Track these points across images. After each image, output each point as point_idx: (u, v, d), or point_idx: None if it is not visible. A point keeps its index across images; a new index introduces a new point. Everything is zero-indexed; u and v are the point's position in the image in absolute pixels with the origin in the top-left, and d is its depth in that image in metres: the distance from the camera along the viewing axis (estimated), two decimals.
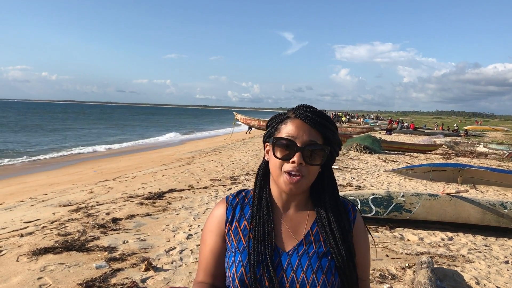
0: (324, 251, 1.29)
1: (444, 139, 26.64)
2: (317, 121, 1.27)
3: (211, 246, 1.37)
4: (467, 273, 4.40)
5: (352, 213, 1.39)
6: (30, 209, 6.91)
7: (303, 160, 1.25)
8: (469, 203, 5.87)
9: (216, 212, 1.41)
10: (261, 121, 33.02)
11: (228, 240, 1.36)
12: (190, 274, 4.02)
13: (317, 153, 1.27)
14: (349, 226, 1.35)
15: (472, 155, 18.43)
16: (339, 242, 1.29)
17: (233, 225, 1.36)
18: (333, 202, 1.35)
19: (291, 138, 1.26)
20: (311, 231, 1.34)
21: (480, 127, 55.26)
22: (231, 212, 1.38)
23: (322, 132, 1.28)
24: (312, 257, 1.28)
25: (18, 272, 3.87)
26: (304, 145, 1.25)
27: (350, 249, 1.30)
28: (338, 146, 1.36)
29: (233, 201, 1.41)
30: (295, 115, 1.30)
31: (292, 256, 1.28)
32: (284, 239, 1.32)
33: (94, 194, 8.03)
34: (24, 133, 37.22)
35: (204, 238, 1.40)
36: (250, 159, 13.86)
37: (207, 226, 1.42)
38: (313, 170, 1.29)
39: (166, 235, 5.24)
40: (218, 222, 1.38)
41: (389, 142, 20.31)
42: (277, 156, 1.28)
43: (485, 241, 5.72)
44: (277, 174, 1.29)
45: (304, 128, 1.27)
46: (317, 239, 1.32)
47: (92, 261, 4.18)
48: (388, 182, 10.13)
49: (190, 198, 7.40)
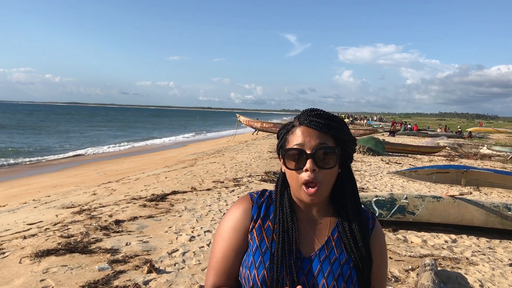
0: (345, 258, 1.27)
1: (448, 141, 26.57)
2: (323, 124, 1.24)
3: (235, 244, 1.31)
4: (471, 276, 4.38)
5: (371, 221, 1.36)
6: (33, 211, 6.92)
7: (316, 166, 1.22)
8: (473, 205, 5.85)
9: (240, 208, 1.36)
10: (264, 123, 33.02)
11: (250, 238, 1.31)
12: (193, 276, 4.02)
13: (329, 156, 1.24)
14: (368, 234, 1.32)
15: (475, 157, 18.36)
16: (362, 249, 1.26)
17: (257, 223, 1.33)
18: (353, 205, 1.31)
19: (299, 147, 1.24)
20: (332, 236, 1.31)
21: (483, 129, 55.11)
22: (256, 210, 1.35)
23: (330, 133, 1.25)
24: (334, 264, 1.25)
25: (21, 274, 3.87)
26: (313, 150, 1.22)
27: (370, 256, 1.27)
28: (352, 142, 1.32)
29: (258, 200, 1.37)
30: (300, 122, 1.28)
31: (313, 261, 1.26)
32: (306, 243, 1.30)
33: (97, 196, 8.04)
34: (27, 135, 37.36)
35: (225, 236, 1.33)
36: (253, 161, 13.85)
37: (229, 223, 1.35)
38: (329, 174, 1.25)
39: (168, 237, 5.23)
40: (244, 218, 1.34)
41: (392, 144, 20.27)
42: (289, 167, 1.26)
43: (489, 243, 5.69)
44: (296, 188, 1.27)
45: (310, 134, 1.25)
46: (338, 245, 1.29)
47: (94, 263, 4.18)
48: (392, 184, 10.10)
49: (193, 200, 7.39)
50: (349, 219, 1.30)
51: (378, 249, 1.34)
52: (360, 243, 1.26)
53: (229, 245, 1.31)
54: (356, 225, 1.29)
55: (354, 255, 1.26)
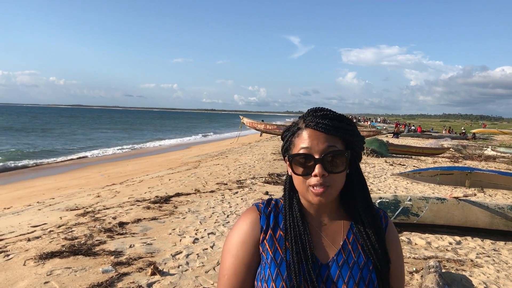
0: (364, 261, 1.22)
1: (452, 142, 26.49)
2: (330, 125, 1.18)
3: (246, 259, 1.24)
4: (476, 278, 4.36)
5: (383, 220, 1.31)
6: (37, 213, 6.94)
7: (325, 171, 1.16)
8: (477, 206, 5.82)
9: (247, 221, 1.29)
10: (268, 124, 33.01)
11: (262, 250, 1.24)
12: (196, 278, 4.02)
13: (338, 160, 1.18)
14: (383, 233, 1.27)
15: (480, 159, 18.29)
16: (378, 250, 1.21)
17: (268, 234, 1.26)
18: (365, 205, 1.26)
19: (306, 151, 1.18)
20: (348, 239, 1.25)
21: (487, 130, 54.89)
22: (265, 221, 1.28)
23: (338, 136, 1.20)
24: (353, 268, 1.20)
25: (25, 276, 3.88)
26: (322, 154, 1.17)
27: (387, 258, 1.23)
28: (360, 141, 1.26)
29: (266, 209, 1.31)
30: (305, 124, 1.22)
31: (331, 267, 1.20)
32: (322, 249, 1.24)
33: (101, 198, 8.06)
34: (32, 137, 37.50)
35: (234, 251, 1.25)
36: (256, 163, 13.85)
37: (237, 237, 1.28)
38: (339, 177, 1.20)
39: (172, 239, 5.24)
40: (252, 230, 1.27)
41: (396, 146, 20.22)
42: (297, 173, 1.21)
43: (493, 245, 5.67)
44: (303, 190, 1.21)
45: (318, 137, 1.18)
46: (355, 248, 1.24)
47: (98, 265, 4.19)
48: (395, 185, 10.08)
49: (196, 202, 7.40)
50: (362, 220, 1.25)
51: (393, 247, 1.29)
52: (376, 244, 1.22)
53: (239, 260, 1.24)
54: (370, 225, 1.24)
55: (373, 257, 1.21)
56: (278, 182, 9.65)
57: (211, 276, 4.10)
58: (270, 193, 8.35)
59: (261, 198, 7.83)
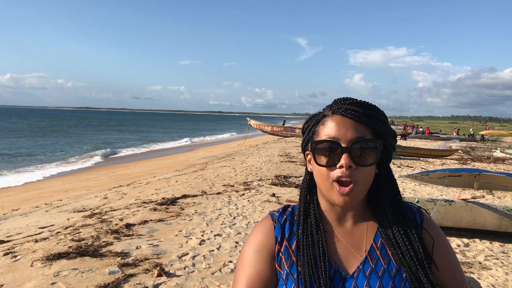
0: (395, 267, 1.07)
1: (460, 144, 26.31)
2: (361, 113, 1.06)
3: (260, 269, 1.12)
4: (484, 281, 4.32)
5: (418, 215, 1.16)
6: (45, 214, 6.98)
7: (353, 162, 1.03)
8: (486, 208, 5.77)
9: (261, 231, 1.18)
10: (275, 126, 33.00)
11: (278, 265, 1.13)
12: (203, 280, 4.01)
13: (368, 151, 1.05)
14: (418, 232, 1.12)
15: (488, 160, 18.15)
16: (407, 257, 1.06)
17: (283, 246, 1.14)
18: (394, 206, 1.12)
19: (333, 139, 1.05)
20: (375, 244, 1.12)
21: (496, 132, 54.46)
22: (279, 231, 1.16)
23: (369, 125, 1.07)
24: (383, 277, 1.06)
25: (32, 277, 3.90)
26: (350, 143, 1.03)
27: (423, 265, 1.06)
28: (393, 137, 1.13)
29: (280, 218, 1.19)
30: (332, 111, 1.10)
31: (358, 279, 1.07)
32: (346, 259, 1.11)
33: (108, 200, 8.09)
34: (40, 138, 37.76)
35: (247, 261, 1.14)
36: (263, 164, 13.84)
37: (251, 246, 1.16)
38: (367, 172, 1.06)
39: (179, 240, 5.24)
40: (266, 241, 1.15)
41: (404, 148, 20.13)
42: (320, 163, 1.07)
43: (502, 247, 5.61)
44: (326, 187, 1.07)
45: (346, 124, 1.06)
46: (384, 253, 1.10)
47: (105, 266, 4.20)
48: (403, 187, 10.02)
49: (203, 204, 7.40)
50: (389, 221, 1.11)
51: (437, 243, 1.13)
52: (408, 247, 1.07)
53: (254, 271, 1.12)
54: (398, 226, 1.10)
55: (403, 265, 1.06)
56: (285, 184, 9.63)
57: (217, 278, 4.09)
58: (277, 195, 8.33)
59: (267, 200, 7.82)
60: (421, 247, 1.09)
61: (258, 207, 7.24)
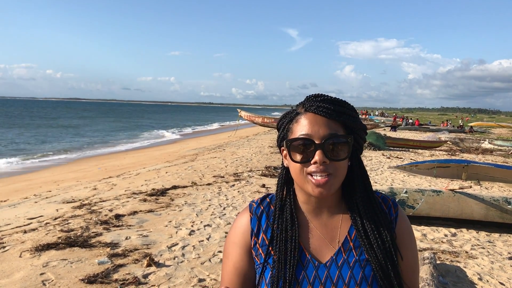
0: (366, 258, 1.12)
1: (449, 135, 26.54)
2: (332, 109, 1.10)
3: (235, 261, 1.19)
4: (470, 269, 4.39)
5: (393, 210, 1.20)
6: (34, 205, 6.94)
7: (326, 158, 1.07)
8: (473, 199, 5.84)
9: (239, 223, 1.23)
10: (265, 118, 33.01)
11: (255, 254, 1.19)
12: (192, 270, 4.03)
13: (340, 146, 1.09)
14: (391, 227, 1.16)
15: (477, 152, 18.34)
16: (381, 247, 1.11)
17: (260, 237, 1.19)
18: (365, 197, 1.17)
19: (306, 136, 1.09)
20: (349, 236, 1.16)
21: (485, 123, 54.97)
22: (256, 223, 1.21)
23: (340, 121, 1.11)
24: (354, 267, 1.11)
25: (21, 268, 3.89)
26: (323, 140, 1.07)
27: (390, 255, 1.11)
28: (363, 131, 1.18)
29: (257, 210, 1.23)
30: (305, 108, 1.13)
31: (330, 268, 1.12)
32: (320, 249, 1.15)
33: (97, 191, 8.06)
34: (27, 129, 37.40)
35: (227, 251, 1.22)
36: (253, 156, 13.86)
37: (230, 237, 1.24)
38: (341, 166, 1.10)
39: (168, 231, 5.25)
40: (242, 234, 1.21)
41: (394, 139, 20.26)
42: (295, 160, 1.11)
43: (488, 237, 5.70)
44: (301, 180, 1.11)
45: (319, 121, 1.10)
46: (357, 245, 1.14)
47: (94, 257, 4.20)
48: (392, 178, 10.10)
49: (193, 195, 7.41)
50: (360, 214, 1.15)
51: (405, 241, 1.19)
52: (376, 237, 1.12)
53: (232, 263, 1.20)
54: (370, 220, 1.14)
55: (371, 255, 1.11)
56: (275, 175, 9.66)
57: (206, 268, 4.12)
58: (266, 186, 8.36)
59: (257, 191, 7.84)
60: (390, 239, 1.13)
61: (248, 197, 7.27)
